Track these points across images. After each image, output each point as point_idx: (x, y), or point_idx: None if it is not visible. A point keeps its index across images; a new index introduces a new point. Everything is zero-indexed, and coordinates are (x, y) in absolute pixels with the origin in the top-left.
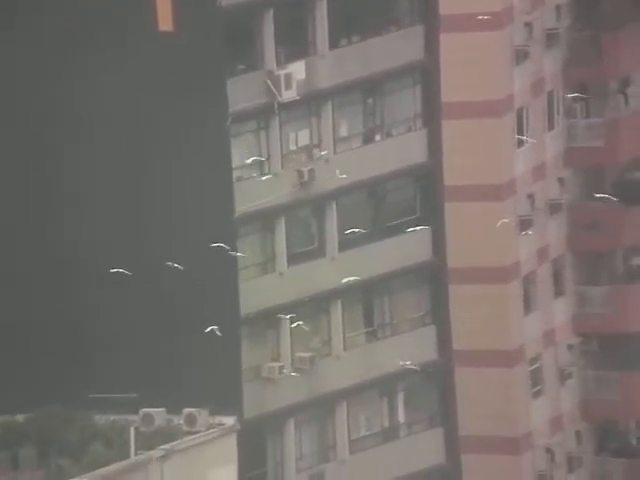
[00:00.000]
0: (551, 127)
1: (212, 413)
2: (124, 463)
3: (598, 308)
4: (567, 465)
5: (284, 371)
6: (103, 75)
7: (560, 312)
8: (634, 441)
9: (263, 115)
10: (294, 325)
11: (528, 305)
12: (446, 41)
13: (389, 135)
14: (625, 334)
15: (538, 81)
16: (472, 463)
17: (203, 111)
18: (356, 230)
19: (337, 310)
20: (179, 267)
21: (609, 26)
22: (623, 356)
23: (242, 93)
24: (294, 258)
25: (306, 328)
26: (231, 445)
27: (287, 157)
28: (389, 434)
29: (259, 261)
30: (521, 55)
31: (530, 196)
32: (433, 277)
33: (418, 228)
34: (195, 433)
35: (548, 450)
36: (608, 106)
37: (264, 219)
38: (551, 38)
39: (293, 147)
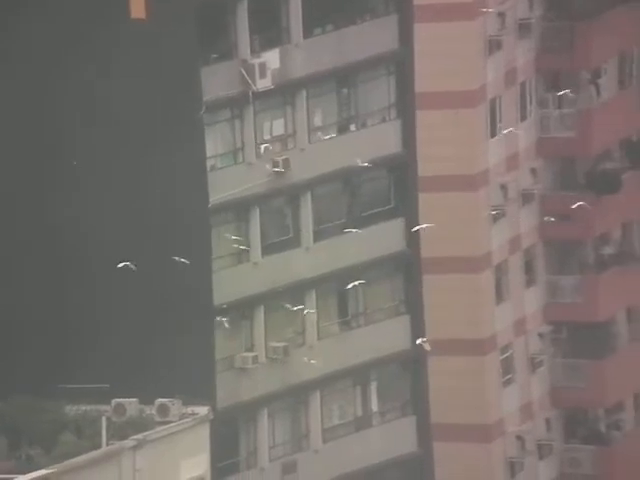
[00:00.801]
0: (524, 117)
1: (185, 403)
2: (95, 453)
3: (568, 297)
4: (537, 452)
5: (258, 361)
6: (75, 64)
7: (531, 301)
8: (603, 428)
9: (237, 104)
10: (305, 312)
11: (500, 294)
12: (420, 31)
13: (364, 125)
14: (594, 323)
15: (511, 71)
16: (444, 451)
17: (177, 100)
18: (353, 230)
19: (311, 300)
20: (185, 261)
21: (581, 16)
22: (592, 344)
23: (216, 82)
24: (268, 248)
25: (313, 312)
26: (204, 435)
27: (261, 146)
28: (362, 423)
29: (233, 251)
30: (494, 45)
31: (503, 186)
32: (407, 267)
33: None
34: (168, 423)
35: (518, 437)
36: (580, 97)
37: (238, 209)
38: (524, 28)
39: (268, 136)
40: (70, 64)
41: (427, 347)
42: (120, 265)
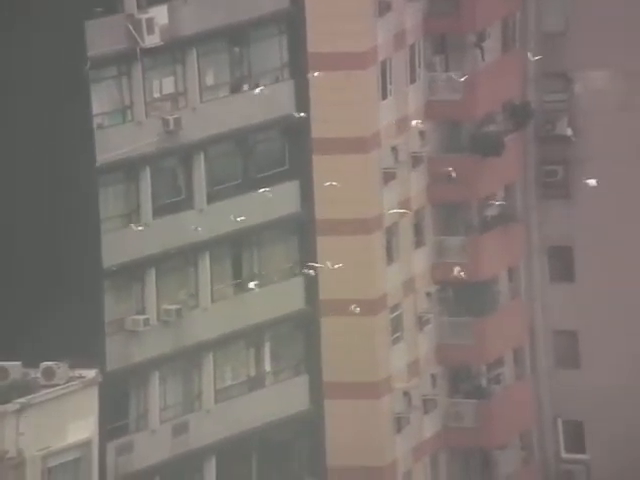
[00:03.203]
0: (413, 80)
1: (72, 366)
2: None
3: (454, 257)
4: (423, 407)
5: (149, 323)
6: None
7: (420, 261)
8: (484, 383)
9: (125, 61)
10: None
11: (390, 255)
12: None
13: (257, 85)
14: (478, 282)
15: (400, 33)
16: (335, 408)
17: (60, 54)
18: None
19: (205, 262)
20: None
21: None
22: (476, 303)
23: (101, 37)
24: (160, 209)
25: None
26: (92, 398)
27: (151, 105)
28: (255, 383)
29: (122, 212)
30: (383, 7)
31: (394, 148)
32: (301, 229)
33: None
34: (53, 386)
35: (405, 393)
36: (466, 60)
37: (127, 169)
38: None
39: (157, 94)
40: None
41: (356, 310)
42: None
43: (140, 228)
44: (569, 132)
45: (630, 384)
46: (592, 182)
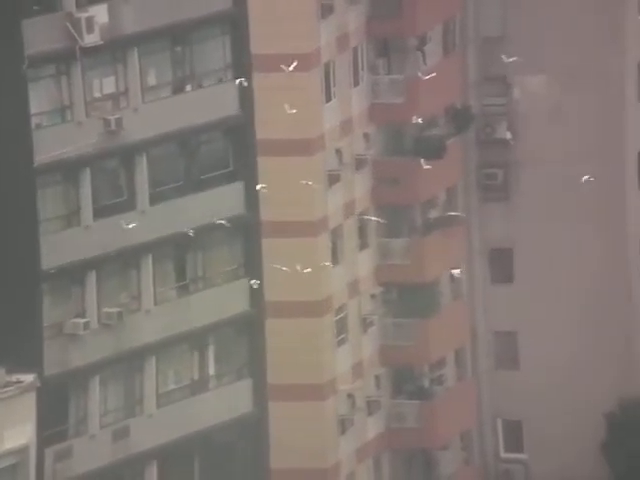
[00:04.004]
0: (356, 83)
1: (10, 371)
2: None
3: (398, 259)
4: (366, 409)
5: (90, 327)
6: None
7: (364, 263)
8: (427, 383)
9: (64, 59)
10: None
11: (335, 257)
12: None
13: (200, 86)
14: (421, 283)
15: (343, 36)
16: (279, 411)
17: None
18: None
19: (147, 264)
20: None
21: None
22: (419, 304)
23: (40, 36)
24: (101, 211)
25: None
26: (29, 403)
27: (92, 105)
28: (198, 386)
29: (62, 213)
30: (326, 9)
31: (338, 151)
32: (246, 231)
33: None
34: None
35: (349, 395)
36: (408, 63)
37: (67, 169)
38: None
39: (98, 94)
40: None
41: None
42: None
43: (132, 225)
44: (508, 136)
45: (567, 384)
46: None
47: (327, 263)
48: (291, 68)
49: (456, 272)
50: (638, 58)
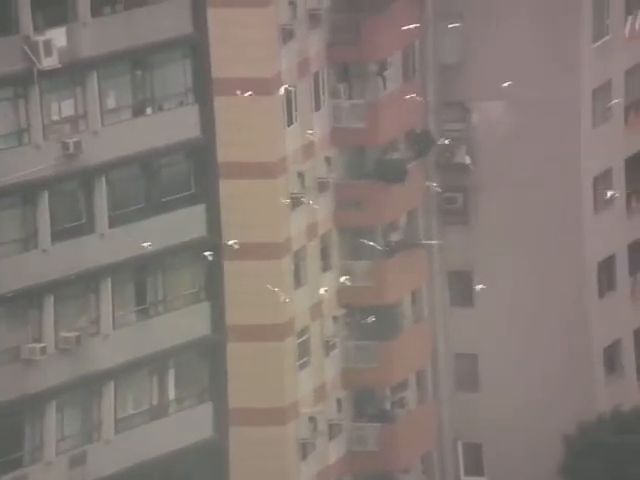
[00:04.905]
0: (318, 107)
1: None
2: None
3: (360, 281)
4: (328, 432)
5: (47, 352)
6: None
7: (326, 286)
8: (388, 406)
9: (21, 82)
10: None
11: (298, 279)
12: (214, 16)
13: (160, 109)
14: (383, 305)
15: (304, 61)
16: (240, 435)
17: None
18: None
19: (107, 288)
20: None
21: (367, 9)
22: (381, 326)
23: None
24: (59, 234)
25: None
26: None
27: (50, 128)
28: (158, 411)
29: (19, 237)
30: (287, 34)
31: (300, 174)
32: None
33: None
34: None
35: (311, 419)
36: (369, 88)
37: (25, 192)
38: (314, 18)
39: (56, 117)
40: None
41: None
42: None
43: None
44: (467, 160)
45: (527, 407)
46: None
47: (289, 285)
48: (247, 94)
49: (479, 288)
50: (593, 86)
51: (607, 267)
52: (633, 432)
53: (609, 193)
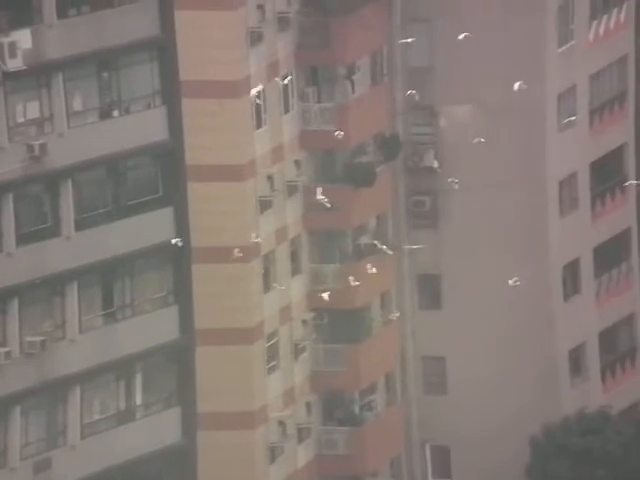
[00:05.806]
0: (287, 110)
1: None
2: None
3: (330, 285)
4: (297, 436)
5: (11, 356)
6: None
7: (296, 289)
8: (357, 410)
9: None
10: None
11: (267, 283)
12: (181, 19)
13: (127, 111)
14: (352, 309)
15: (272, 64)
16: (208, 439)
17: None
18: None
19: (73, 292)
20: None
21: (336, 12)
22: (350, 329)
23: None
24: (25, 237)
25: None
26: None
27: (15, 130)
28: (125, 416)
29: None
30: (255, 37)
31: (269, 177)
32: (176, 257)
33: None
34: None
35: (280, 422)
36: (337, 91)
37: None
38: (282, 22)
39: (21, 119)
40: None
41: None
42: None
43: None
44: (435, 164)
45: (494, 409)
46: None
47: (259, 288)
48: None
49: (512, 281)
50: (558, 90)
51: (572, 270)
52: (598, 434)
53: (571, 118)
